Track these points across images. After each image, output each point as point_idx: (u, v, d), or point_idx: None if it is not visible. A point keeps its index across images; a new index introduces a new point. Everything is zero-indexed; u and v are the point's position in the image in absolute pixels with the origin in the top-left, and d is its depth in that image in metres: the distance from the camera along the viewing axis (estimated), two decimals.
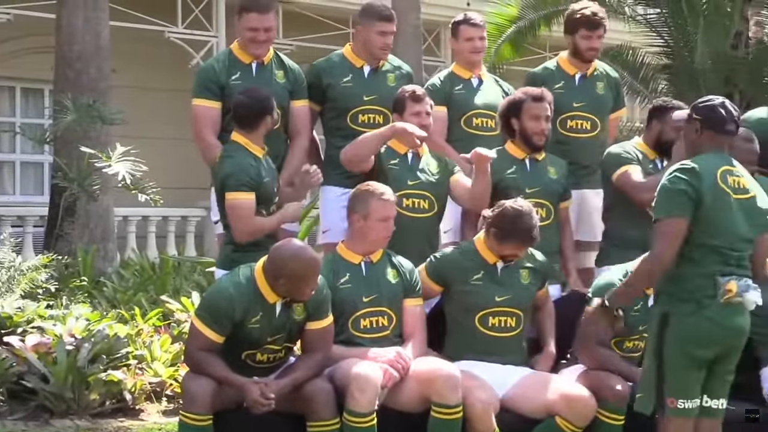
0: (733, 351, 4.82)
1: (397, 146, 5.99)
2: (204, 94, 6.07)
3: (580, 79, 6.61)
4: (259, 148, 5.72)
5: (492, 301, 5.62)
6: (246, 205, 5.59)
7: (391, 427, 5.19)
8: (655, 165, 6.20)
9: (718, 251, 4.70)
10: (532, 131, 6.04)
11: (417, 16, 12.28)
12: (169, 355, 7.54)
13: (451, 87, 6.48)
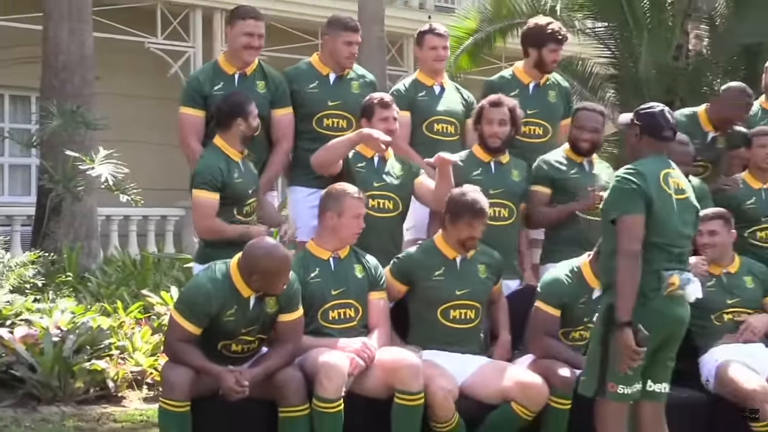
0: (674, 339, 4.90)
1: (365, 150, 6.00)
2: (189, 103, 6.07)
3: (534, 88, 6.64)
4: (236, 152, 5.71)
5: (453, 295, 5.63)
6: (205, 203, 5.61)
7: (358, 412, 5.19)
8: (582, 167, 6.27)
9: (663, 248, 4.75)
10: (486, 134, 6.08)
11: (381, 28, 12.31)
12: (150, 345, 7.53)
13: (415, 93, 6.48)
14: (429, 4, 16.71)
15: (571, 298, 5.62)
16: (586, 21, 12.67)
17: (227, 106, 5.75)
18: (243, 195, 5.74)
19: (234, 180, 5.68)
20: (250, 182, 5.80)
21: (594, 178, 6.24)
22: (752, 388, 5.63)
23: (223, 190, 5.64)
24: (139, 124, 13.82)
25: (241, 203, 5.74)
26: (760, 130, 6.53)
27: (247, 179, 5.77)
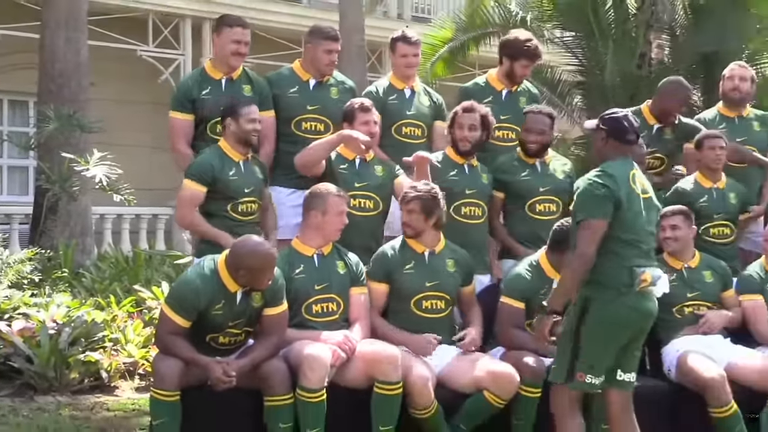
0: (643, 332, 4.95)
1: (346, 152, 5.97)
2: (178, 107, 6.06)
3: (507, 94, 6.61)
4: (236, 153, 5.72)
5: (423, 287, 5.62)
6: (188, 192, 5.66)
7: (340, 401, 5.16)
8: (534, 168, 6.25)
9: (634, 245, 4.79)
10: (456, 138, 6.07)
11: (361, 37, 12.28)
12: (141, 338, 7.50)
13: (386, 97, 6.43)
14: (407, 14, 16.70)
15: (533, 290, 5.63)
16: (555, 31, 12.67)
17: (223, 109, 5.78)
18: (237, 193, 5.72)
19: (227, 177, 5.67)
20: (249, 183, 5.76)
21: (547, 178, 6.23)
22: (710, 376, 5.64)
23: (214, 184, 5.65)
24: (131, 127, 13.75)
25: (235, 201, 5.72)
26: (710, 133, 6.55)
27: (246, 180, 5.75)
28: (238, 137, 5.72)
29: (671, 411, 5.85)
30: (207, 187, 5.66)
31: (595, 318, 4.76)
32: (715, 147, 6.48)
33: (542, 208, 6.17)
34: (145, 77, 14.12)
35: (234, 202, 5.72)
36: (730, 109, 6.94)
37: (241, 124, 5.70)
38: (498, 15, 12.53)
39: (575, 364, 4.77)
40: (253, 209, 5.81)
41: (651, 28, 11.90)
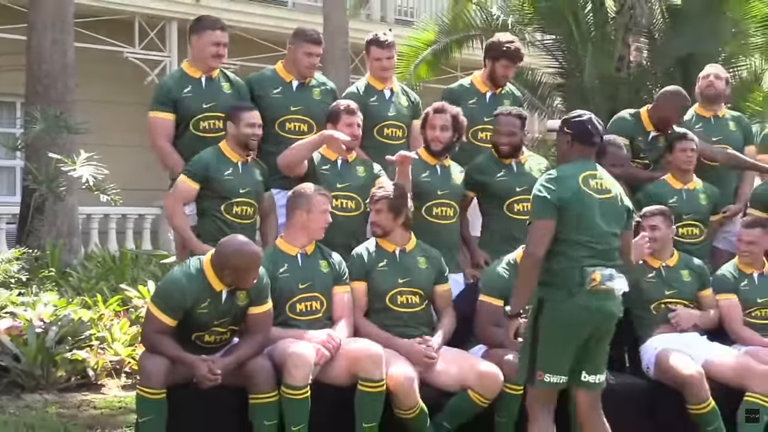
0: (605, 332, 4.88)
1: (329, 154, 5.97)
2: (158, 107, 6.07)
3: (491, 97, 6.62)
4: (235, 154, 5.77)
5: (396, 283, 5.63)
6: (179, 187, 5.74)
7: (324, 399, 5.17)
8: (510, 168, 6.26)
9: (585, 245, 4.76)
10: (429, 138, 6.08)
11: (345, 40, 12.28)
12: (128, 336, 7.49)
13: (367, 98, 6.42)
14: (390, 17, 16.70)
15: (511, 288, 5.60)
16: (536, 34, 12.68)
17: (227, 110, 5.84)
18: (231, 193, 5.75)
19: (222, 176, 5.73)
20: (246, 185, 5.79)
21: (523, 177, 6.24)
22: (689, 373, 5.66)
23: (208, 182, 5.71)
24: (117, 128, 13.70)
25: (229, 201, 5.73)
26: (683, 134, 6.57)
27: (242, 181, 5.78)
28: (237, 140, 5.77)
29: (650, 408, 5.87)
30: (200, 185, 5.71)
31: (548, 318, 4.76)
32: (686, 149, 6.50)
33: (520, 207, 6.18)
34: (131, 79, 14.07)
35: (228, 203, 5.75)
36: (706, 109, 6.97)
37: (241, 128, 5.74)
38: (480, 18, 12.54)
39: (535, 364, 4.78)
40: (249, 212, 5.82)
41: (630, 31, 11.92)
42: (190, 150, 5.94)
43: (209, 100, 6.04)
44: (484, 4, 12.78)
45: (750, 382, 5.72)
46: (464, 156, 6.35)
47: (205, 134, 6.00)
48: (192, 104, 6.02)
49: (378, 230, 5.69)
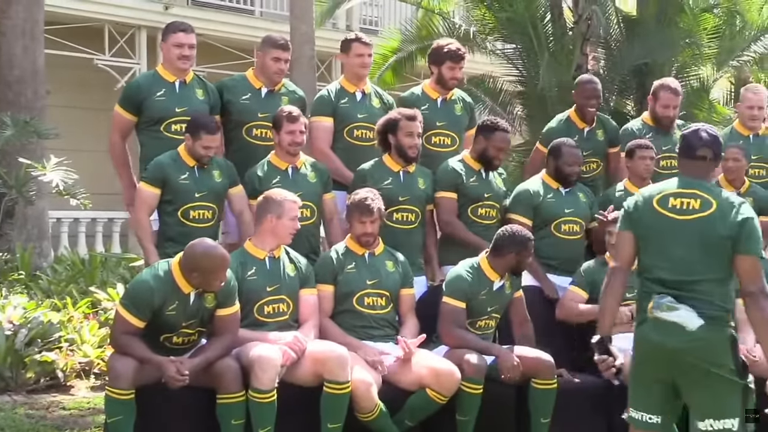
0: (684, 372, 4.15)
1: (278, 162, 5.94)
2: (123, 104, 6.12)
3: (442, 102, 6.62)
4: (191, 158, 5.74)
5: (364, 284, 5.63)
6: (142, 194, 5.76)
7: (290, 399, 5.13)
8: (479, 175, 6.27)
9: (655, 271, 4.24)
10: (407, 146, 6.03)
11: (312, 47, 12.26)
12: (97, 338, 7.42)
13: (338, 100, 6.40)
14: (355, 26, 16.69)
15: (474, 291, 5.65)
16: (497, 43, 12.74)
17: (190, 122, 5.79)
18: (187, 197, 5.70)
19: (178, 180, 5.69)
20: (202, 189, 5.75)
21: (490, 184, 6.27)
22: None
23: (165, 186, 5.69)
24: (87, 134, 13.59)
25: (186, 205, 5.69)
26: (642, 143, 6.60)
27: (199, 185, 5.74)
28: (192, 154, 5.74)
29: (610, 407, 5.87)
30: (160, 189, 5.69)
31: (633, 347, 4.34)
32: (645, 157, 6.54)
33: (483, 212, 6.21)
34: (101, 85, 13.98)
35: (185, 207, 5.71)
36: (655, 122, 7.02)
37: (196, 146, 5.71)
38: (443, 27, 12.59)
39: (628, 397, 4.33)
40: (206, 216, 5.78)
41: (587, 41, 12.01)
42: (161, 151, 5.91)
43: (182, 105, 6.02)
44: (447, 14, 12.82)
45: None
46: (423, 161, 6.32)
47: (177, 137, 5.97)
48: (164, 107, 5.99)
49: (371, 239, 5.68)
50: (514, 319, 5.89)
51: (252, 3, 15.88)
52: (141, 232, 5.75)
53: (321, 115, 6.37)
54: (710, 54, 12.09)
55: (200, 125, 5.74)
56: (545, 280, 6.29)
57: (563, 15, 12.23)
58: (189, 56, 6.07)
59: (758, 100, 7.05)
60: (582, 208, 6.45)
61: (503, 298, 5.77)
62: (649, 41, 11.49)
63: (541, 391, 5.50)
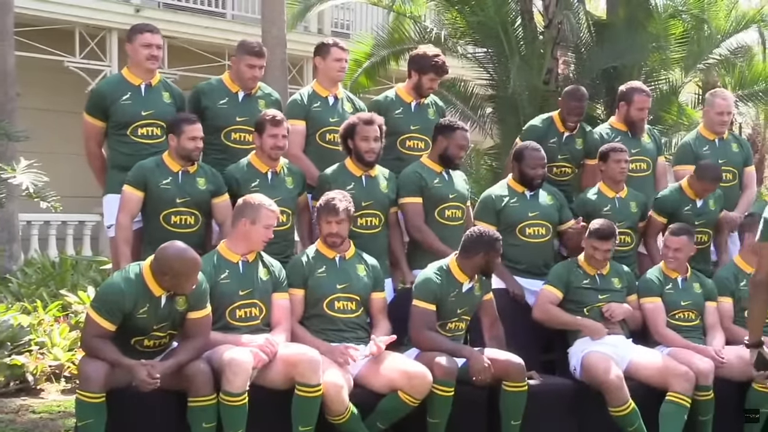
0: None
1: (259, 165, 5.93)
2: (90, 111, 6.12)
3: (416, 106, 6.63)
4: (175, 164, 5.73)
5: (335, 288, 5.62)
6: (125, 198, 5.72)
7: (261, 402, 5.11)
8: (441, 177, 6.27)
9: None
10: (363, 150, 6.03)
11: (283, 51, 12.24)
12: (67, 341, 7.38)
13: (310, 104, 6.40)
14: (326, 30, 16.69)
15: (443, 293, 5.65)
16: (468, 47, 12.74)
17: (168, 121, 5.79)
18: (169, 202, 5.70)
19: (160, 185, 5.69)
20: (185, 194, 5.73)
21: (453, 184, 6.28)
22: (608, 378, 5.74)
23: (147, 190, 5.69)
24: (57, 136, 13.50)
25: (167, 210, 5.69)
26: (616, 146, 6.65)
27: (181, 190, 5.72)
28: (178, 153, 5.72)
29: (577, 408, 5.92)
30: (143, 192, 5.68)
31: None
32: (620, 160, 6.59)
33: (450, 213, 6.22)
34: (72, 87, 13.89)
35: (166, 212, 5.70)
36: (625, 126, 7.05)
37: (182, 141, 5.70)
38: (414, 31, 12.60)
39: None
40: (189, 222, 5.77)
41: (557, 45, 12.04)
42: (128, 155, 5.89)
43: (148, 108, 6.00)
44: (418, 18, 12.83)
45: (672, 381, 5.80)
46: (395, 164, 6.35)
47: (144, 140, 5.95)
48: (130, 110, 5.98)
49: (338, 240, 5.66)
50: (484, 321, 5.91)
51: (224, 6, 15.83)
52: (119, 234, 5.71)
53: (294, 119, 6.35)
54: (678, 58, 12.18)
55: (180, 120, 5.75)
56: (511, 280, 6.32)
57: (534, 19, 12.26)
58: (157, 56, 6.08)
59: (727, 105, 7.12)
60: (548, 210, 6.48)
61: (473, 299, 5.78)
62: (619, 46, 11.55)
63: (511, 393, 5.51)
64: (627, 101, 7.00)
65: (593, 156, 6.86)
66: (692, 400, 5.79)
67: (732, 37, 12.91)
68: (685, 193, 6.73)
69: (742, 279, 6.48)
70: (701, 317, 6.34)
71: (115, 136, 6.02)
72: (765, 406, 5.99)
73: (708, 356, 6.01)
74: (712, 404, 5.90)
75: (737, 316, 6.44)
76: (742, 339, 6.28)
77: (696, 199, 6.71)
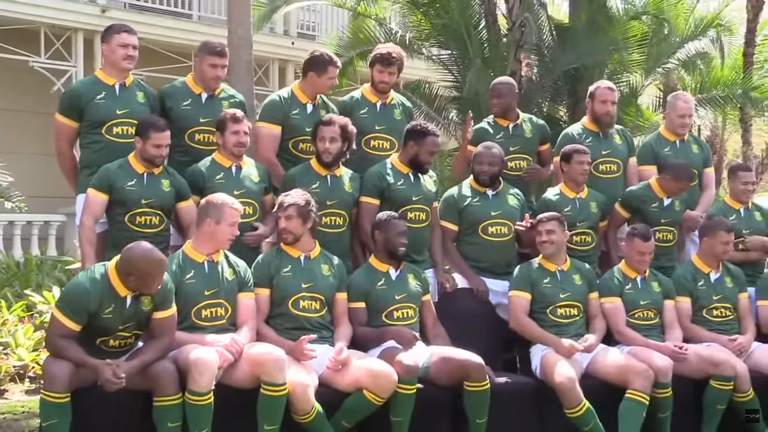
0: None
1: (222, 160, 5.94)
2: (64, 111, 6.07)
3: (381, 106, 6.63)
4: (140, 166, 5.73)
5: (299, 288, 5.64)
6: (89, 200, 5.69)
7: (227, 401, 5.11)
8: (407, 179, 6.28)
9: None
10: (320, 150, 6.05)
11: (249, 52, 12.11)
12: (32, 341, 7.32)
13: (290, 110, 6.36)
14: (293, 31, 16.65)
15: (368, 286, 5.82)
16: (432, 49, 12.78)
17: (138, 125, 5.77)
18: (134, 203, 5.69)
19: (125, 186, 5.68)
20: (150, 196, 5.72)
21: (419, 187, 6.28)
22: (559, 381, 5.77)
23: (112, 192, 5.67)
24: (23, 136, 13.42)
25: (132, 211, 5.67)
26: (580, 148, 6.70)
27: (146, 192, 5.71)
28: (141, 156, 5.73)
29: (538, 407, 5.95)
30: (107, 195, 5.67)
31: None
32: (583, 162, 6.65)
33: (413, 216, 6.23)
34: (37, 87, 13.78)
35: (131, 213, 5.69)
36: (595, 125, 7.11)
37: (147, 146, 5.71)
38: (380, 33, 12.62)
39: None
40: (154, 222, 5.76)
41: (521, 47, 12.10)
42: (102, 154, 5.87)
43: (123, 107, 5.99)
44: (383, 20, 12.85)
45: (631, 379, 5.85)
46: (359, 163, 6.34)
47: (118, 139, 5.93)
48: (105, 110, 5.96)
49: (289, 237, 5.67)
50: (427, 322, 5.97)
51: (190, 7, 15.77)
52: (83, 235, 5.69)
53: (270, 122, 6.34)
54: (639, 60, 12.28)
55: (148, 125, 5.74)
56: (474, 277, 6.35)
57: (497, 22, 12.32)
58: (133, 56, 6.06)
59: (688, 108, 7.20)
60: (510, 210, 6.52)
61: (405, 286, 5.85)
62: (580, 48, 11.63)
63: (474, 393, 5.54)
64: (591, 97, 7.10)
65: (546, 141, 7.05)
66: (651, 398, 5.84)
67: (691, 42, 13.06)
68: (653, 190, 6.80)
69: (699, 279, 6.56)
70: (660, 315, 6.40)
71: (90, 135, 6.00)
72: (722, 403, 6.07)
73: (667, 353, 6.07)
74: (671, 401, 5.95)
75: (695, 315, 6.53)
76: (699, 338, 6.40)
77: (663, 197, 6.78)
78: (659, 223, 6.75)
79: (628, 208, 6.79)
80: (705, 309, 6.52)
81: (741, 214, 7.02)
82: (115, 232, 5.73)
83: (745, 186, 7.07)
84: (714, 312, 6.53)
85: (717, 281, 6.58)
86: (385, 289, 5.83)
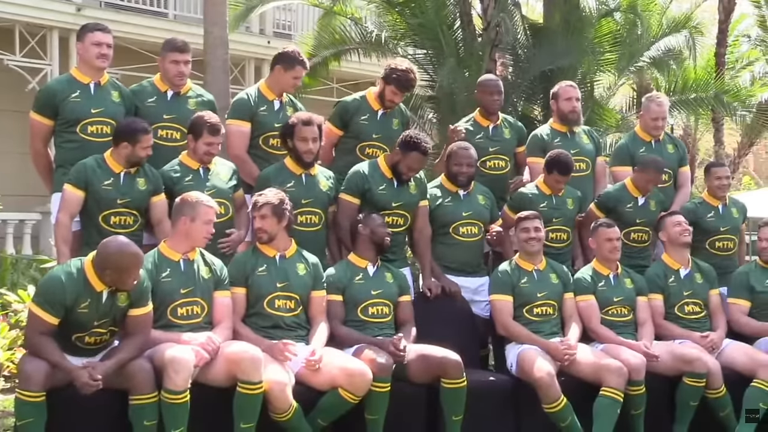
0: None
1: (189, 162, 5.92)
2: (39, 110, 6.03)
3: (381, 115, 6.63)
4: (118, 165, 5.70)
5: (274, 287, 5.61)
6: (66, 196, 5.66)
7: (203, 400, 5.09)
8: (389, 184, 6.26)
9: None
10: (301, 151, 6.02)
11: (225, 51, 12.14)
12: (7, 340, 7.28)
13: (257, 107, 6.35)
14: (268, 30, 16.62)
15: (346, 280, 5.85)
16: (408, 48, 12.80)
17: (122, 127, 5.73)
18: (109, 203, 5.66)
19: (101, 185, 5.65)
20: (126, 195, 5.70)
21: (400, 192, 6.26)
22: (539, 376, 5.79)
23: (87, 189, 5.63)
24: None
25: (107, 210, 5.65)
26: (560, 151, 6.73)
27: (122, 191, 5.69)
28: (128, 159, 5.69)
29: (513, 404, 5.97)
30: (84, 191, 5.64)
31: None
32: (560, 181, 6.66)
33: (391, 221, 6.20)
34: (12, 86, 13.69)
35: (106, 212, 5.66)
36: (562, 125, 7.14)
37: (137, 150, 5.67)
38: (356, 32, 12.61)
39: None
40: (128, 222, 5.74)
41: (496, 47, 12.14)
42: (77, 153, 5.84)
43: (97, 106, 5.96)
44: (359, 19, 12.84)
45: (605, 376, 5.87)
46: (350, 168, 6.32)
47: (93, 138, 5.90)
48: (79, 108, 5.93)
49: (264, 236, 5.65)
50: (400, 317, 5.96)
51: (165, 6, 15.70)
52: (58, 232, 5.65)
53: (239, 120, 6.33)
54: (612, 59, 12.34)
55: (137, 129, 5.68)
56: (445, 279, 6.36)
57: (473, 22, 12.35)
58: (107, 55, 6.02)
59: (662, 111, 7.25)
60: (480, 210, 6.54)
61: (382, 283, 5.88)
62: (555, 48, 11.68)
63: (450, 390, 5.54)
64: (555, 97, 7.15)
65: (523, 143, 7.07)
66: (624, 395, 5.87)
67: (662, 41, 13.13)
68: (628, 190, 6.84)
69: (670, 275, 6.60)
70: (634, 312, 6.43)
71: (64, 133, 5.97)
72: (694, 400, 6.11)
73: (639, 351, 6.10)
74: (644, 398, 5.98)
75: (667, 312, 6.56)
76: (672, 335, 6.44)
77: (639, 196, 6.81)
78: (634, 223, 6.78)
79: (604, 209, 6.81)
80: (676, 306, 6.56)
81: (719, 211, 7.07)
82: (89, 232, 5.69)
83: (720, 181, 7.12)
84: (685, 308, 6.57)
85: (687, 277, 6.62)
86: (363, 283, 5.84)
